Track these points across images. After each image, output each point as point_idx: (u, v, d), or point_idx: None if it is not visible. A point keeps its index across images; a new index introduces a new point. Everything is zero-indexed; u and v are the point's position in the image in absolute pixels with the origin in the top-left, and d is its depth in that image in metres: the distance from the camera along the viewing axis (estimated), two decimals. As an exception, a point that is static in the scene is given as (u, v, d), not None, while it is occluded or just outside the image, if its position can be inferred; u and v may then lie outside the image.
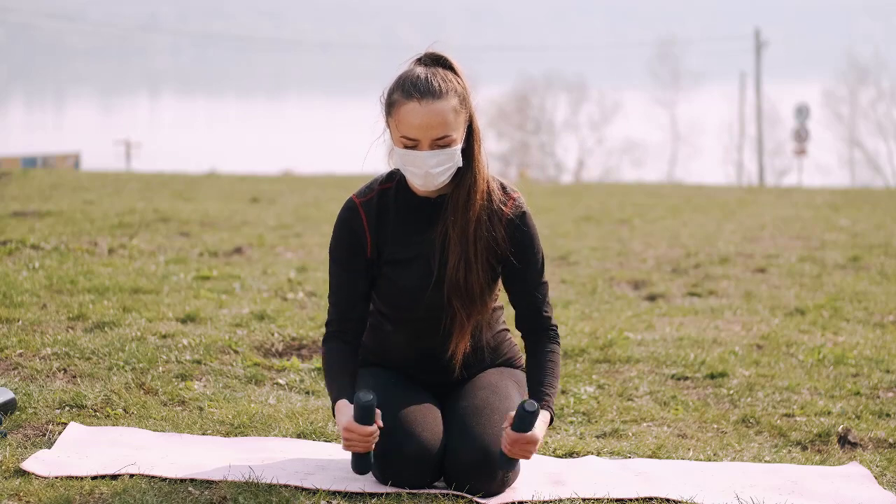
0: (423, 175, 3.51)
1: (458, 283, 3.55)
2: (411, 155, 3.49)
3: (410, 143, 3.49)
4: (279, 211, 12.91)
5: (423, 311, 3.61)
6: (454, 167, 3.53)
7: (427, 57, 3.57)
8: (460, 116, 3.51)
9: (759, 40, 43.77)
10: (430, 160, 3.48)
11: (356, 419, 3.40)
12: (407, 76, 3.52)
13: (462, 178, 3.55)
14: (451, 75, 3.53)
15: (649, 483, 3.67)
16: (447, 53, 3.58)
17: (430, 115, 3.46)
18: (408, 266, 3.59)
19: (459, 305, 3.57)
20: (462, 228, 3.55)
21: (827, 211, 14.63)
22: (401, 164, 3.54)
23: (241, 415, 4.28)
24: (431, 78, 3.49)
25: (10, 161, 34.82)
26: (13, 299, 5.96)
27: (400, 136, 3.50)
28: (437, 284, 3.57)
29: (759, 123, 44.31)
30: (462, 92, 3.52)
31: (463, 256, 3.55)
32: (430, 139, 3.47)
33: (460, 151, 3.54)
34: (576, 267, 8.89)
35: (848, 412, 4.66)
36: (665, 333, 6.11)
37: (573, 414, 4.58)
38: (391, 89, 3.52)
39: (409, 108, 3.47)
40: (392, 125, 3.53)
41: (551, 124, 56.35)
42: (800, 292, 7.71)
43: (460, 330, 3.61)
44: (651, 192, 18.73)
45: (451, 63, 3.56)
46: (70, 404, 4.27)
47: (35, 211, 10.91)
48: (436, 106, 3.46)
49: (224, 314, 6.01)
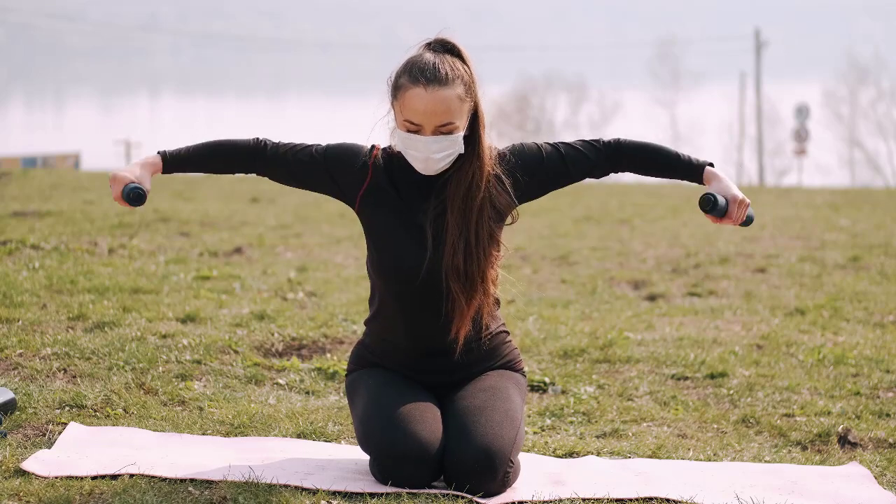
0: (423, 159, 3.55)
1: (458, 267, 3.57)
2: (414, 139, 3.53)
3: (414, 128, 3.53)
4: (279, 211, 12.91)
5: (420, 291, 3.60)
6: (455, 154, 3.57)
7: (437, 43, 3.60)
8: (465, 104, 3.54)
9: (759, 40, 43.77)
10: (432, 145, 3.52)
11: (124, 195, 3.55)
12: (415, 61, 3.55)
13: (463, 164, 3.59)
14: (459, 63, 3.56)
15: (649, 483, 3.67)
16: (456, 40, 3.61)
17: (435, 101, 3.49)
18: (404, 236, 3.60)
19: (458, 289, 3.58)
20: (461, 214, 3.57)
21: (827, 211, 14.62)
22: (402, 147, 3.58)
23: (241, 415, 4.28)
24: (439, 64, 3.52)
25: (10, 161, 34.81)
26: (13, 299, 5.96)
27: (404, 120, 3.54)
28: (435, 265, 3.58)
29: (759, 123, 44.31)
30: (468, 80, 3.55)
31: (462, 242, 3.57)
32: (434, 125, 3.51)
33: (463, 138, 3.56)
34: (576, 267, 8.89)
35: (848, 412, 4.66)
36: (665, 333, 6.11)
37: (573, 414, 4.58)
38: (399, 72, 3.56)
39: (415, 94, 3.50)
40: (397, 108, 3.57)
41: (551, 124, 56.33)
42: (800, 292, 7.71)
43: (461, 315, 3.60)
44: (651, 192, 18.72)
45: (459, 50, 3.60)
46: (70, 404, 4.27)
47: (35, 211, 10.91)
48: (441, 93, 3.49)
49: (224, 314, 6.01)
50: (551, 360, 5.45)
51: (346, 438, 4.13)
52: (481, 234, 3.59)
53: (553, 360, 5.45)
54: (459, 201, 3.58)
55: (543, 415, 4.56)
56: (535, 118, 55.71)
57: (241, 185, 17.51)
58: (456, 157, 3.58)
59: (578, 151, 3.73)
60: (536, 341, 5.78)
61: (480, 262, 3.59)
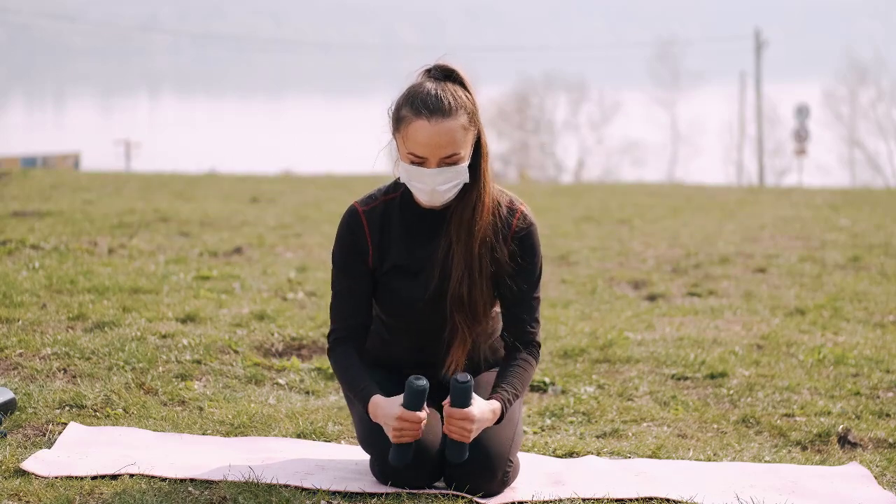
0: (429, 192, 3.49)
1: (462, 298, 3.53)
2: (418, 171, 3.46)
3: (418, 160, 3.46)
4: (279, 211, 12.91)
5: (424, 323, 3.59)
6: (461, 184, 3.51)
7: (437, 69, 3.52)
8: (469, 134, 3.48)
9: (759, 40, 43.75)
10: (437, 178, 3.46)
11: (408, 405, 3.36)
12: (416, 92, 3.47)
13: (467, 193, 3.53)
14: (461, 90, 3.49)
15: (649, 483, 3.67)
16: (457, 66, 3.53)
17: (438, 134, 3.42)
18: (411, 277, 3.57)
19: (462, 320, 3.55)
20: (466, 245, 3.52)
21: (827, 211, 14.62)
22: (406, 179, 3.51)
23: (241, 415, 4.29)
24: (441, 94, 3.45)
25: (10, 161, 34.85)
26: (13, 299, 5.96)
27: (407, 153, 3.47)
28: (439, 298, 3.55)
29: (759, 123, 44.29)
30: (471, 108, 3.48)
31: (467, 273, 3.52)
32: (438, 157, 3.44)
33: (467, 167, 3.51)
34: (576, 267, 8.89)
35: (848, 412, 4.66)
36: (665, 333, 6.11)
37: (573, 414, 4.58)
38: (399, 104, 3.49)
39: (418, 126, 3.43)
40: (399, 140, 3.49)
41: (551, 124, 56.36)
42: (800, 292, 7.71)
43: (462, 344, 3.58)
44: (651, 192, 18.72)
45: (461, 77, 3.52)
46: (70, 404, 4.28)
47: (35, 211, 10.91)
48: (445, 125, 3.43)
49: (224, 314, 6.01)
50: (551, 360, 5.45)
51: (346, 438, 4.13)
52: (484, 263, 3.55)
53: (553, 360, 5.46)
54: (464, 232, 3.52)
55: (543, 415, 4.57)
56: (535, 118, 55.71)
57: (241, 185, 17.51)
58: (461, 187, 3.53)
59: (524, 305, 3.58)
60: (536, 341, 5.77)
61: (484, 291, 3.56)
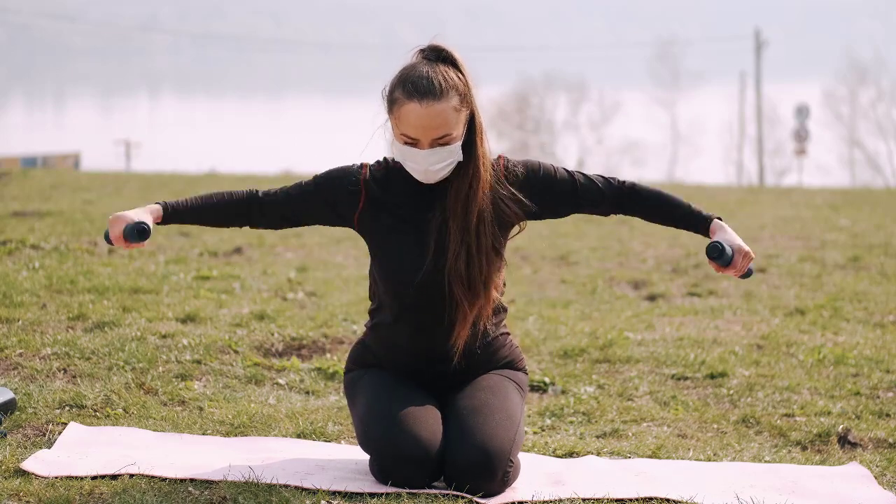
0: (423, 171, 3.55)
1: (460, 272, 3.56)
2: (411, 152, 3.53)
3: (411, 141, 3.52)
4: (279, 211, 12.89)
5: (423, 299, 3.60)
6: (454, 163, 3.56)
7: (430, 50, 3.58)
8: (461, 114, 3.53)
9: (759, 40, 43.75)
10: (429, 158, 3.52)
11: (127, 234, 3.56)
12: (408, 74, 3.52)
13: (462, 171, 3.57)
14: (453, 71, 3.53)
15: (649, 483, 3.67)
16: (450, 47, 3.57)
17: (430, 116, 3.48)
18: (405, 240, 3.60)
19: (461, 294, 3.58)
20: (463, 220, 3.56)
21: (827, 211, 14.62)
22: (401, 159, 3.58)
23: (241, 415, 4.29)
24: (433, 76, 3.49)
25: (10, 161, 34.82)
26: (13, 299, 5.96)
27: (400, 134, 3.54)
28: (437, 271, 3.58)
29: (759, 123, 44.30)
30: (463, 89, 3.53)
31: (464, 248, 3.56)
32: (430, 138, 3.50)
33: (461, 146, 3.55)
34: (576, 267, 8.89)
35: (848, 412, 4.66)
36: (665, 333, 6.11)
37: (573, 414, 4.58)
38: (393, 85, 3.54)
39: (410, 108, 3.49)
40: (393, 121, 3.56)
41: (551, 124, 56.33)
42: (800, 292, 7.71)
43: (463, 319, 3.60)
44: (651, 192, 18.71)
45: (453, 57, 3.56)
46: (70, 404, 4.28)
47: (35, 211, 10.91)
48: (436, 107, 3.48)
49: (224, 314, 6.01)
50: (551, 360, 5.45)
51: (346, 438, 4.13)
52: (482, 240, 3.58)
53: (553, 360, 5.46)
54: (460, 208, 3.57)
55: (543, 415, 4.57)
56: (535, 118, 55.69)
57: (242, 184, 17.50)
58: (456, 165, 3.58)
59: (593, 184, 3.70)
60: (536, 341, 5.78)
61: (483, 267, 3.58)
